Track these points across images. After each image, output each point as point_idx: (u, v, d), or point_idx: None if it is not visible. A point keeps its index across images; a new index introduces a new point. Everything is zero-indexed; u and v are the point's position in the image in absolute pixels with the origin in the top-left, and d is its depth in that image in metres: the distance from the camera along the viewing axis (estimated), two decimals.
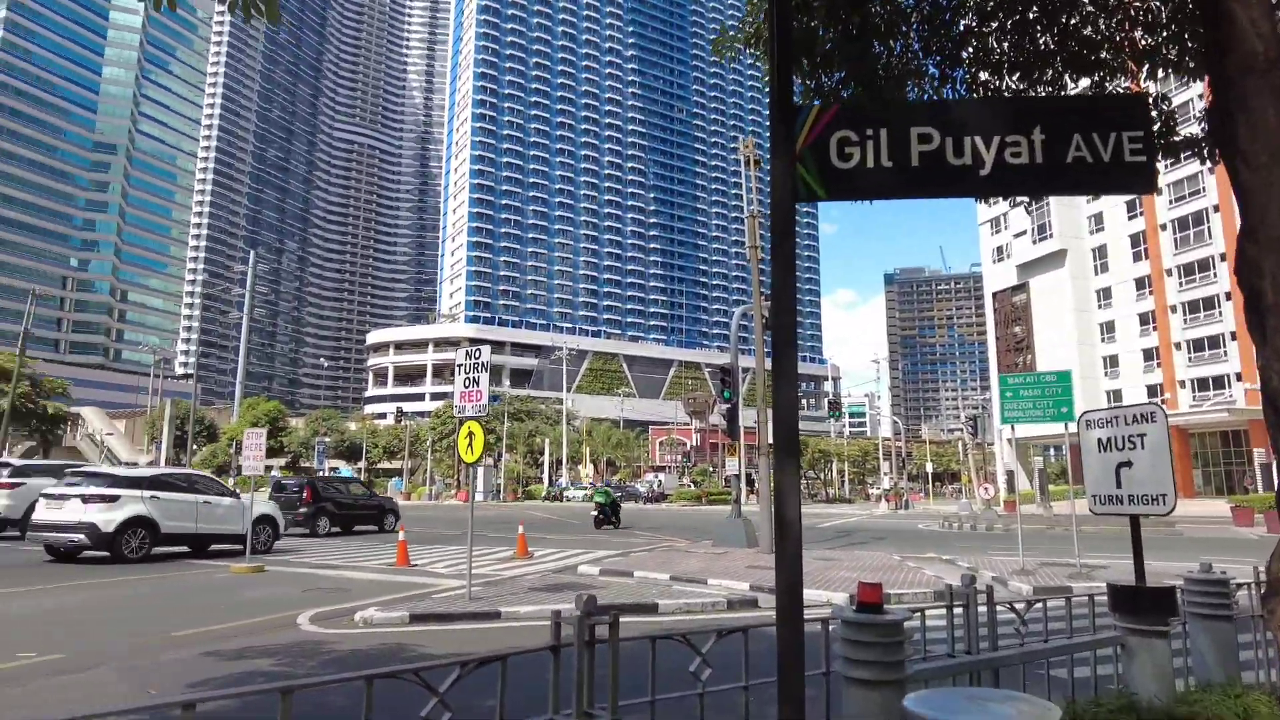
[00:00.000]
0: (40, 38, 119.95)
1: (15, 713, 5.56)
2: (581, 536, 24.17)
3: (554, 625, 2.99)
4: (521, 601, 10.54)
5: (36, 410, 62.76)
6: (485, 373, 10.72)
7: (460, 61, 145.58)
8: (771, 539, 17.79)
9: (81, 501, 14.78)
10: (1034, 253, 65.22)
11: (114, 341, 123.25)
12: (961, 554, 18.73)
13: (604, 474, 78.80)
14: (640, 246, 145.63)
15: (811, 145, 2.83)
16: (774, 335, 2.74)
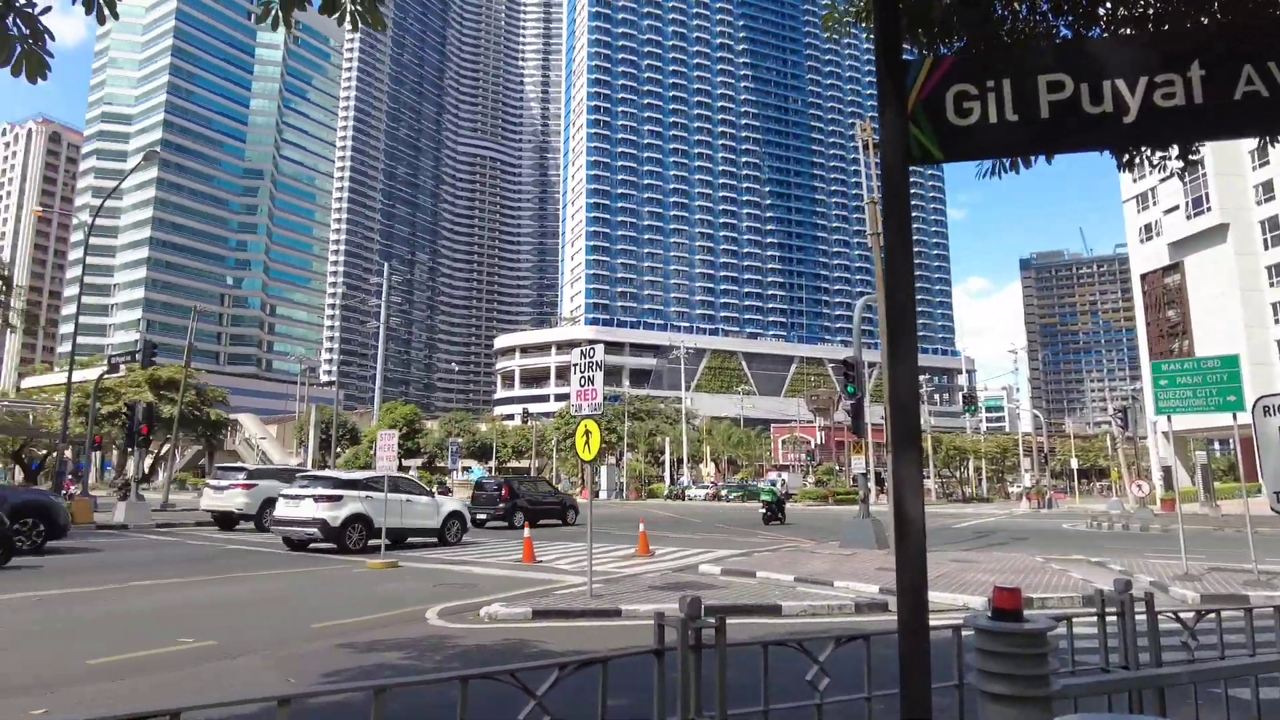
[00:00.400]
0: (199, 79, 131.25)
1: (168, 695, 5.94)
2: (703, 535, 24.00)
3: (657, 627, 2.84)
4: (643, 600, 10.48)
5: (202, 417, 68.41)
6: (600, 371, 10.74)
7: (574, 69, 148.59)
8: None
9: (314, 501, 17.15)
10: (1189, 229, 59.79)
11: (265, 352, 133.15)
12: (1113, 556, 17.33)
13: (725, 473, 78.35)
14: (757, 241, 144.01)
15: (925, 102, 2.56)
16: (889, 314, 2.49)
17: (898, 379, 2.37)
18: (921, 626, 2.26)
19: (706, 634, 2.93)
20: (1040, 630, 2.92)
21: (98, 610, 9.61)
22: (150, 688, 6.16)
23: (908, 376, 2.37)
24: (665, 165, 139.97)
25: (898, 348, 2.39)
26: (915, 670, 2.23)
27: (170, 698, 5.93)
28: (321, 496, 17.13)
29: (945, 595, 11.47)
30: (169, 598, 10.74)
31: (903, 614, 2.31)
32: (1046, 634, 2.93)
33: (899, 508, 2.34)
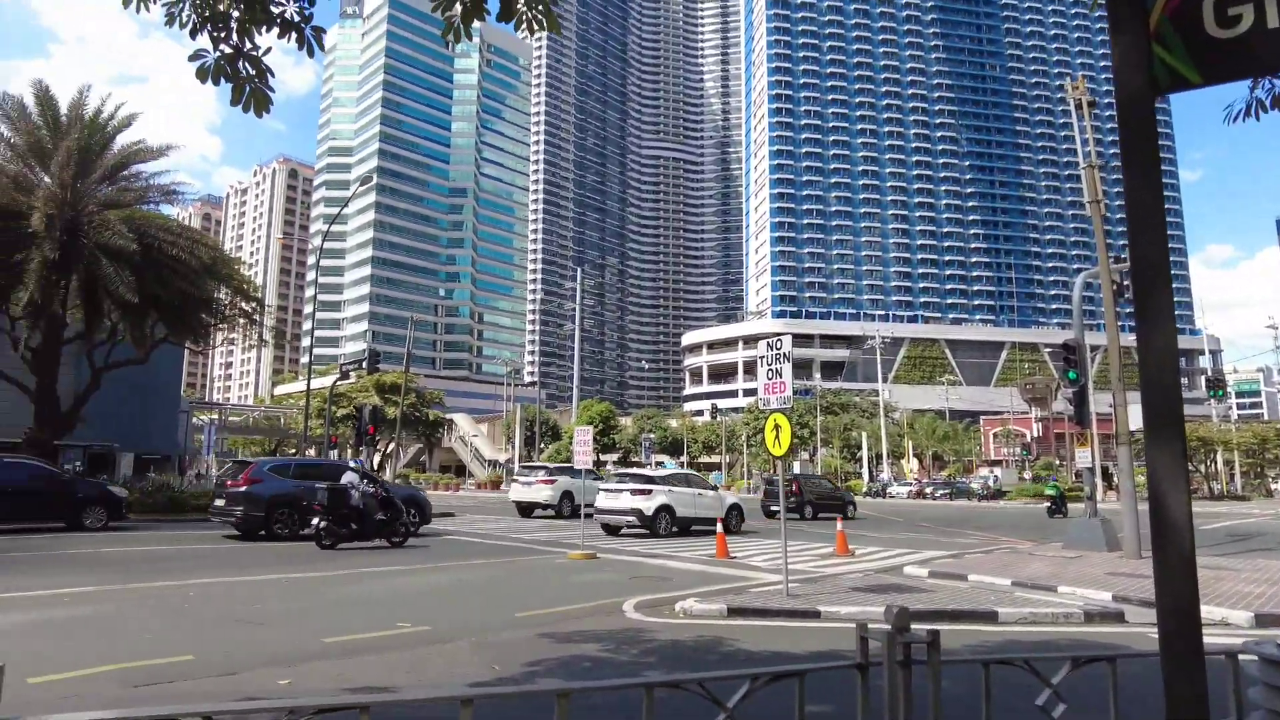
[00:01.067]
0: (406, 108, 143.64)
1: (384, 674, 6.37)
2: (906, 535, 22.77)
3: (860, 639, 2.55)
4: (842, 601, 10.02)
5: (422, 417, 74.70)
6: (787, 364, 10.38)
7: (754, 60, 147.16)
8: (1138, 542, 15.23)
9: (630, 494, 20.36)
10: None
11: (475, 356, 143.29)
12: None
13: (929, 468, 74.33)
14: (957, 220, 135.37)
15: (1174, 14, 2.09)
16: (1137, 274, 2.05)
17: (1151, 350, 1.94)
18: (1194, 657, 1.83)
19: (916, 648, 2.59)
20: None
21: (336, 593, 10.61)
22: (370, 667, 6.64)
23: (1164, 347, 1.93)
24: (853, 148, 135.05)
25: (1150, 312, 1.95)
26: (1188, 710, 1.80)
27: (387, 677, 6.36)
28: (636, 490, 20.29)
29: (1204, 609, 10.01)
30: (389, 584, 11.66)
31: (1167, 640, 1.89)
32: None
33: (1157, 506, 1.91)
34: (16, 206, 19.84)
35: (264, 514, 16.99)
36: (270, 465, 18.38)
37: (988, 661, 2.72)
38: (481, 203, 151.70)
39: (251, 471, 17.73)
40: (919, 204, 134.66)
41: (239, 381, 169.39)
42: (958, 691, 2.99)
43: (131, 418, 41.40)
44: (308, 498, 16.52)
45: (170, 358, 44.27)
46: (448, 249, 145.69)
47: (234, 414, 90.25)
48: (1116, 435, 16.27)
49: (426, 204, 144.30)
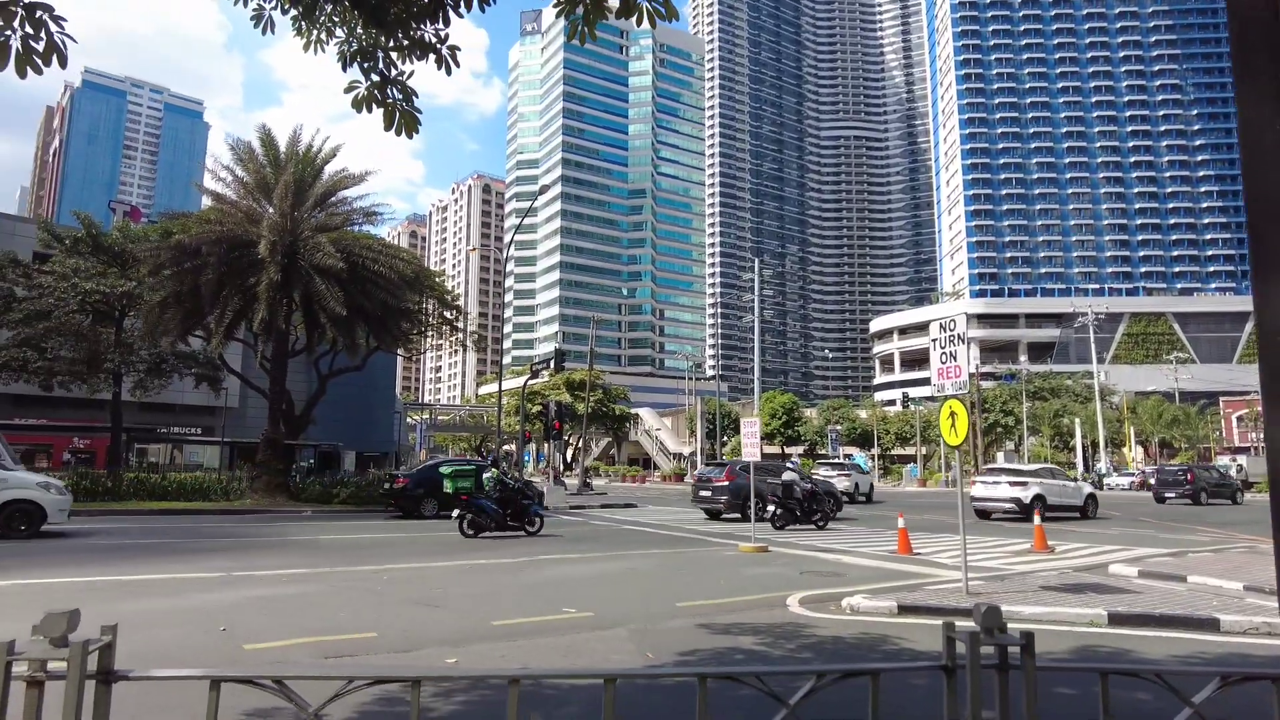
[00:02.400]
0: (587, 117, 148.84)
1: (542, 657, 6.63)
2: (1120, 530, 20.57)
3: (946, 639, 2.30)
4: (1029, 601, 9.22)
5: (609, 412, 77.19)
6: (962, 345, 9.68)
7: (937, 25, 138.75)
8: None
9: (1008, 485, 23.98)
10: None
11: (658, 352, 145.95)
12: None
13: (1156, 457, 66.74)
14: (1184, 178, 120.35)
15: None
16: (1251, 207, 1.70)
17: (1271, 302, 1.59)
18: None
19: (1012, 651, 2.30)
20: None
21: (516, 579, 11.20)
22: (531, 650, 6.94)
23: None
24: (1054, 108, 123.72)
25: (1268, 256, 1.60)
26: None
27: (544, 659, 6.62)
28: (1013, 483, 24.00)
29: None
30: (565, 570, 12.13)
31: None
32: None
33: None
34: (249, 237, 22.66)
35: (741, 502, 21.61)
36: (740, 465, 22.30)
37: (1107, 670, 2.36)
38: (660, 201, 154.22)
39: (729, 470, 23.66)
40: (1135, 163, 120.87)
41: (448, 384, 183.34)
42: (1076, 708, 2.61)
43: (353, 419, 46.06)
44: (763, 490, 20.35)
45: (385, 364, 48.84)
46: (629, 249, 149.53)
47: (442, 413, 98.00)
48: None
49: (608, 207, 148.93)
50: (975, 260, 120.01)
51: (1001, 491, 23.80)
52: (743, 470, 21.25)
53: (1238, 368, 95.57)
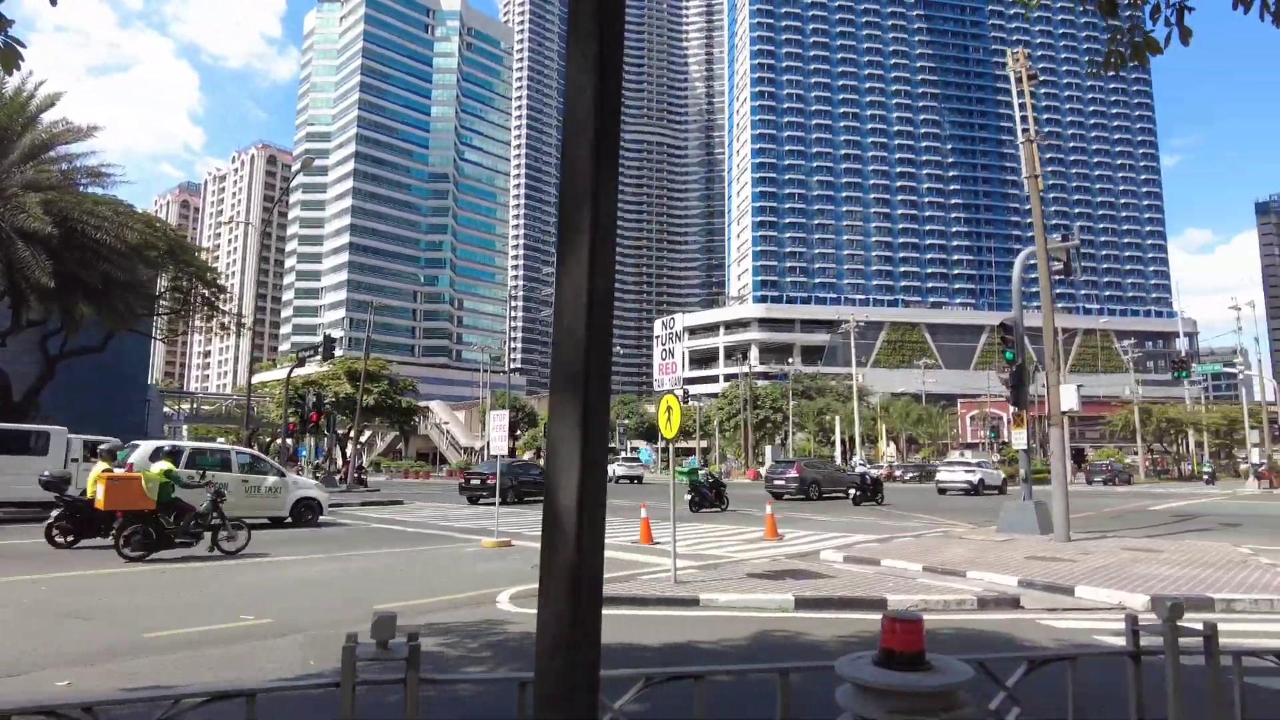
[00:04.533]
0: (387, 93, 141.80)
1: (186, 673, 5.93)
2: (850, 518, 22.48)
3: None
4: (732, 589, 9.66)
5: (395, 405, 73.97)
6: (679, 343, 9.94)
7: (737, 43, 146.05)
8: (1066, 524, 14.97)
9: (964, 471, 39.31)
10: None
11: (455, 344, 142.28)
12: None
13: (904, 452, 74.40)
14: (939, 204, 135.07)
15: None
16: (564, 188, 1.59)
17: (568, 286, 1.49)
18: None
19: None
20: (947, 687, 1.89)
21: (204, 586, 10.14)
22: (177, 664, 6.20)
23: (580, 284, 1.47)
24: (835, 131, 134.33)
25: (574, 237, 1.50)
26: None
27: (185, 674, 5.92)
28: (968, 470, 39.48)
29: (1099, 591, 9.72)
30: (268, 575, 11.21)
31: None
32: (956, 692, 1.90)
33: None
34: None
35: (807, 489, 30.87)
36: (805, 461, 32.39)
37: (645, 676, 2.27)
38: (462, 188, 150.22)
39: (800, 464, 33.21)
40: (901, 187, 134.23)
41: (217, 371, 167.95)
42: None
43: (95, 407, 40.60)
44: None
45: (138, 347, 43.52)
46: (428, 235, 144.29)
47: (207, 402, 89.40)
48: (1050, 416, 15.97)
49: (407, 190, 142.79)
50: (759, 268, 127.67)
51: (959, 477, 37.70)
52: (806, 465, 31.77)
53: (974, 373, 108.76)
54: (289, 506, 18.51)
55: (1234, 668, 2.98)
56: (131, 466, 14.36)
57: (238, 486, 17.49)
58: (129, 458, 15.44)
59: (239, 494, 17.32)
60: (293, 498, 18.64)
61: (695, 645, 7.19)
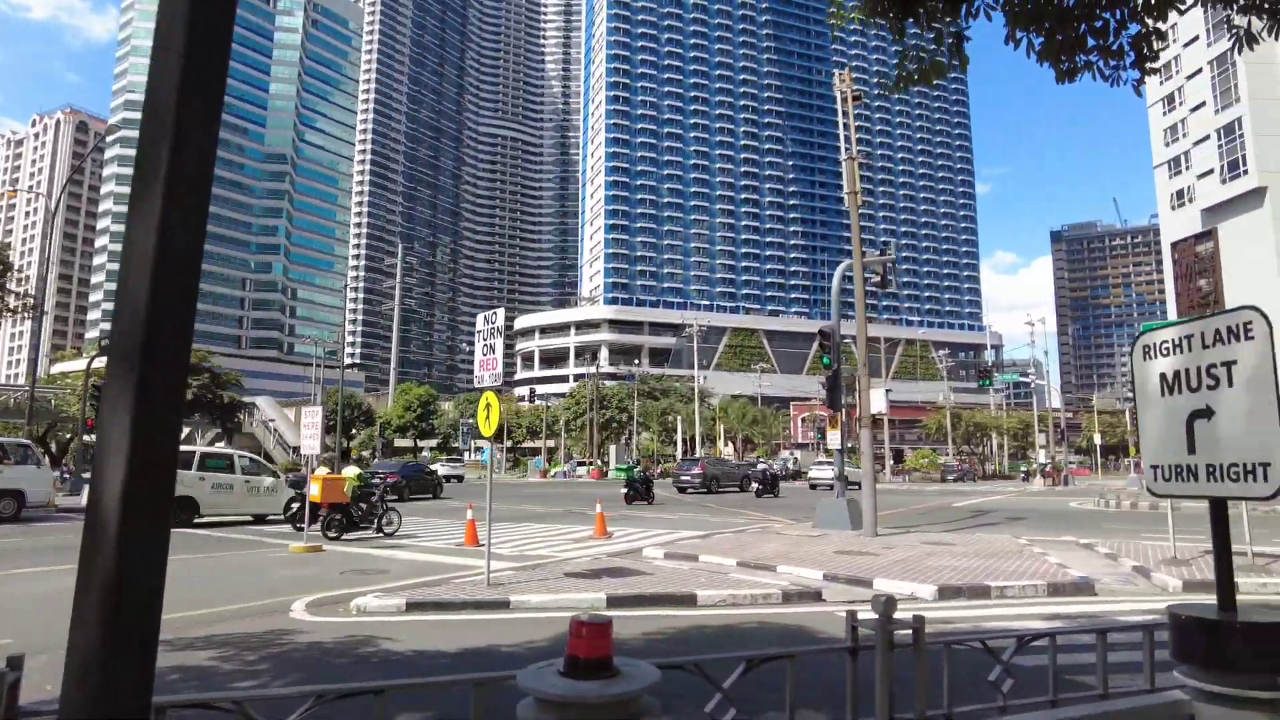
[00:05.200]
0: None
1: None
2: (682, 515, 22.98)
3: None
4: (544, 589, 9.52)
5: (216, 400, 68.65)
6: (499, 339, 9.71)
7: (594, 45, 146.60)
8: (874, 520, 15.90)
9: (830, 468, 32.14)
10: (1224, 194, 57.09)
11: (287, 336, 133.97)
12: (1106, 538, 16.01)
13: (740, 451, 77.27)
14: (780, 217, 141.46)
15: None
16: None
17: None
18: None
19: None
20: (628, 695, 1.81)
21: None
22: None
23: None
24: (686, 140, 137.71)
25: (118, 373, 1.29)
26: None
27: None
28: (835, 467, 33.41)
29: (895, 584, 10.36)
30: (31, 588, 9.99)
31: None
32: (639, 699, 1.83)
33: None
34: None
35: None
36: (707, 460, 35.37)
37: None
38: (302, 171, 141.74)
39: (704, 462, 36.81)
40: (745, 199, 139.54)
41: (8, 358, 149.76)
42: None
43: None
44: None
45: None
46: (261, 218, 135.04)
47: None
48: (860, 418, 16.95)
49: (239, 169, 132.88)
50: (611, 270, 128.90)
51: (826, 473, 35.87)
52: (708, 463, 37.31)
53: (806, 378, 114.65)
54: (282, 506, 19.98)
55: (946, 653, 3.17)
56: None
57: (241, 487, 19.60)
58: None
59: (242, 493, 19.66)
60: (283, 498, 20.17)
61: (497, 649, 7.00)
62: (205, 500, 18.59)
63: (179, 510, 17.58)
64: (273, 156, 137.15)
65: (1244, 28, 6.27)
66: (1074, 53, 5.95)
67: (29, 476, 19.31)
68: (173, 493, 1.29)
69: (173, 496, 1.32)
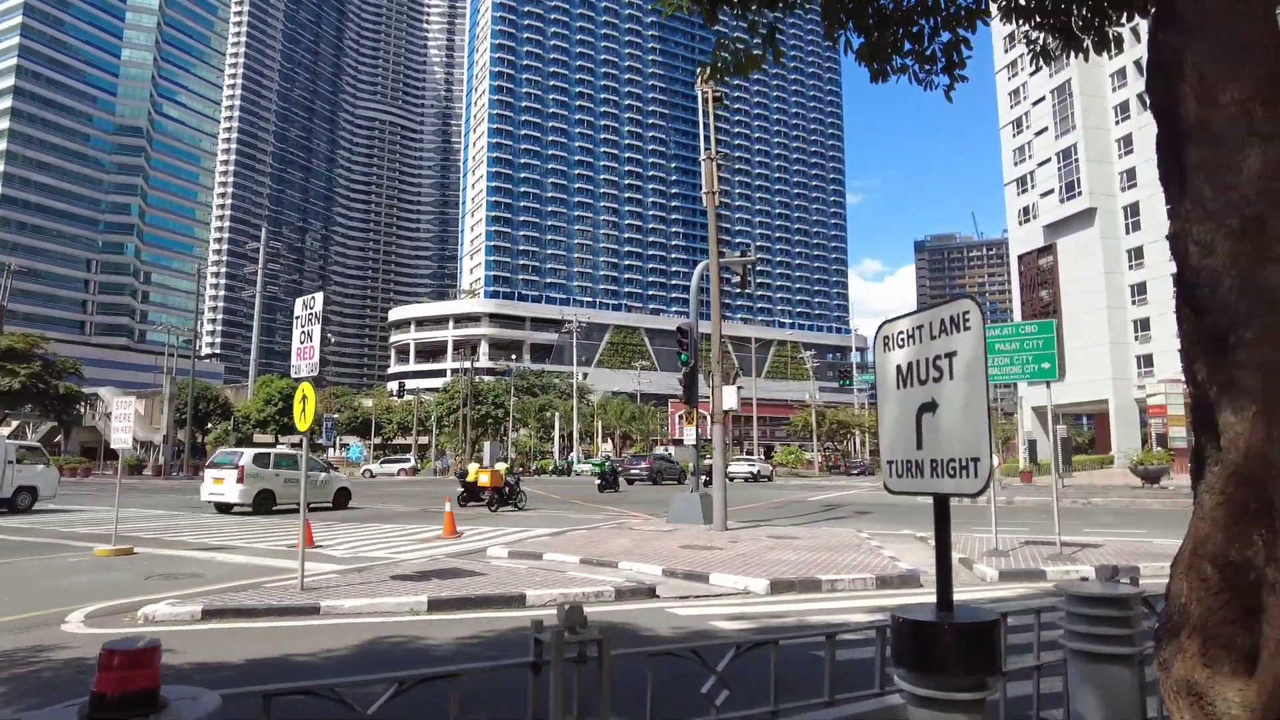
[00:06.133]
0: (68, 25, 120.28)
1: None
2: (543, 513, 22.64)
3: None
4: (363, 593, 9.01)
5: (51, 391, 62.81)
6: (318, 325, 9.10)
7: (478, 33, 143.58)
8: (724, 514, 16.10)
9: (746, 464, 44.56)
10: (1062, 212, 61.94)
11: (139, 322, 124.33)
12: None
13: (618, 448, 77.61)
14: (662, 218, 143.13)
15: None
16: None
17: None
18: None
19: None
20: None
21: None
22: None
23: None
24: (570, 136, 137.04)
25: None
26: None
27: None
28: (750, 463, 41.05)
29: (730, 578, 10.44)
30: None
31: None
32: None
33: None
34: None
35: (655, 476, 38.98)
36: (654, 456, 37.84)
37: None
38: (159, 147, 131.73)
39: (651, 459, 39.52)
40: (629, 198, 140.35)
41: None
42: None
43: None
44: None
45: None
46: (111, 195, 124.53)
47: None
48: (712, 414, 17.15)
49: (84, 140, 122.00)
50: (492, 263, 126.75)
51: (743, 468, 39.59)
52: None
53: None
54: (331, 496, 23.28)
55: (650, 664, 3.03)
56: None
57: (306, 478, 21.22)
58: (242, 459, 21.46)
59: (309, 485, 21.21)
60: (332, 489, 23.47)
61: (289, 660, 6.49)
62: (279, 492, 21.49)
63: (263, 501, 21.05)
64: (125, 129, 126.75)
65: (1039, 44, 6.59)
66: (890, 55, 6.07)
67: (41, 475, 22.16)
68: None
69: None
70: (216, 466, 21.62)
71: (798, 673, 3.58)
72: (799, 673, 3.51)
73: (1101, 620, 3.36)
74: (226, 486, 20.55)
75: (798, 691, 3.69)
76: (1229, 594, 2.68)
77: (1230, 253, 2.75)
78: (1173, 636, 2.68)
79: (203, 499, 21.57)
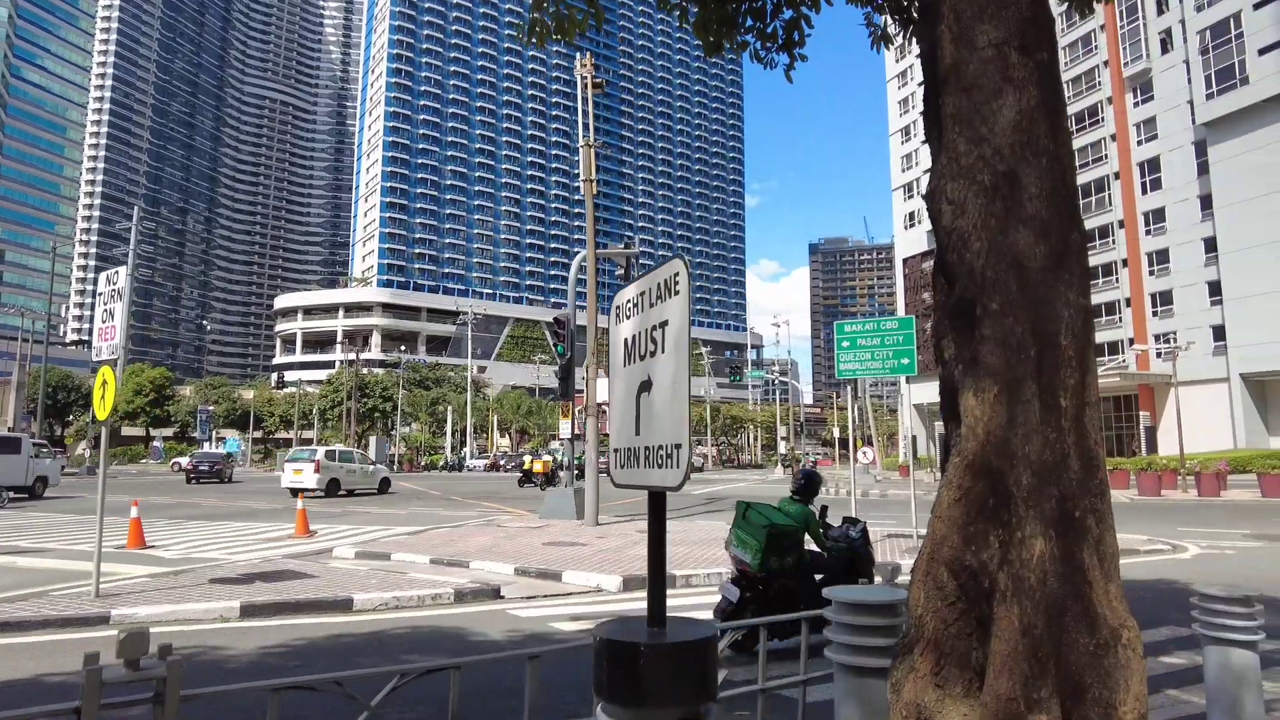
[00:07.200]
0: None
1: None
2: (413, 511, 21.76)
3: None
4: (170, 600, 8.24)
5: None
6: (122, 303, 8.22)
7: (377, 12, 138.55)
8: (596, 510, 15.79)
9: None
10: None
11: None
12: None
13: (515, 443, 76.51)
14: (565, 211, 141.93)
15: None
16: None
17: None
18: None
19: None
20: None
21: None
22: None
23: None
24: (471, 124, 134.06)
25: None
26: None
27: None
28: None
29: (583, 576, 10.13)
30: None
31: None
32: None
33: None
34: None
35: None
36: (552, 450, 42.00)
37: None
38: (16, 113, 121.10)
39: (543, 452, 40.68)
40: (531, 190, 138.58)
41: None
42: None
43: None
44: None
45: None
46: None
47: None
48: (587, 407, 16.83)
49: None
50: (386, 250, 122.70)
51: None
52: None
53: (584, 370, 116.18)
54: (377, 483, 29.03)
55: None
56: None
57: (359, 471, 28.45)
58: (317, 455, 27.11)
59: (361, 475, 28.30)
60: (378, 478, 29.27)
61: (42, 680, 5.73)
62: (344, 480, 26.93)
63: (332, 487, 26.20)
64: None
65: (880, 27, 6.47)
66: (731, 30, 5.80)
67: (50, 466, 25.91)
68: None
69: None
70: (296, 461, 26.69)
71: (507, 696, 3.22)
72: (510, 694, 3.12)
73: (866, 630, 3.10)
74: (305, 476, 25.35)
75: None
76: (965, 603, 2.45)
77: (981, 212, 2.54)
78: (906, 653, 2.46)
79: (283, 486, 26.10)
